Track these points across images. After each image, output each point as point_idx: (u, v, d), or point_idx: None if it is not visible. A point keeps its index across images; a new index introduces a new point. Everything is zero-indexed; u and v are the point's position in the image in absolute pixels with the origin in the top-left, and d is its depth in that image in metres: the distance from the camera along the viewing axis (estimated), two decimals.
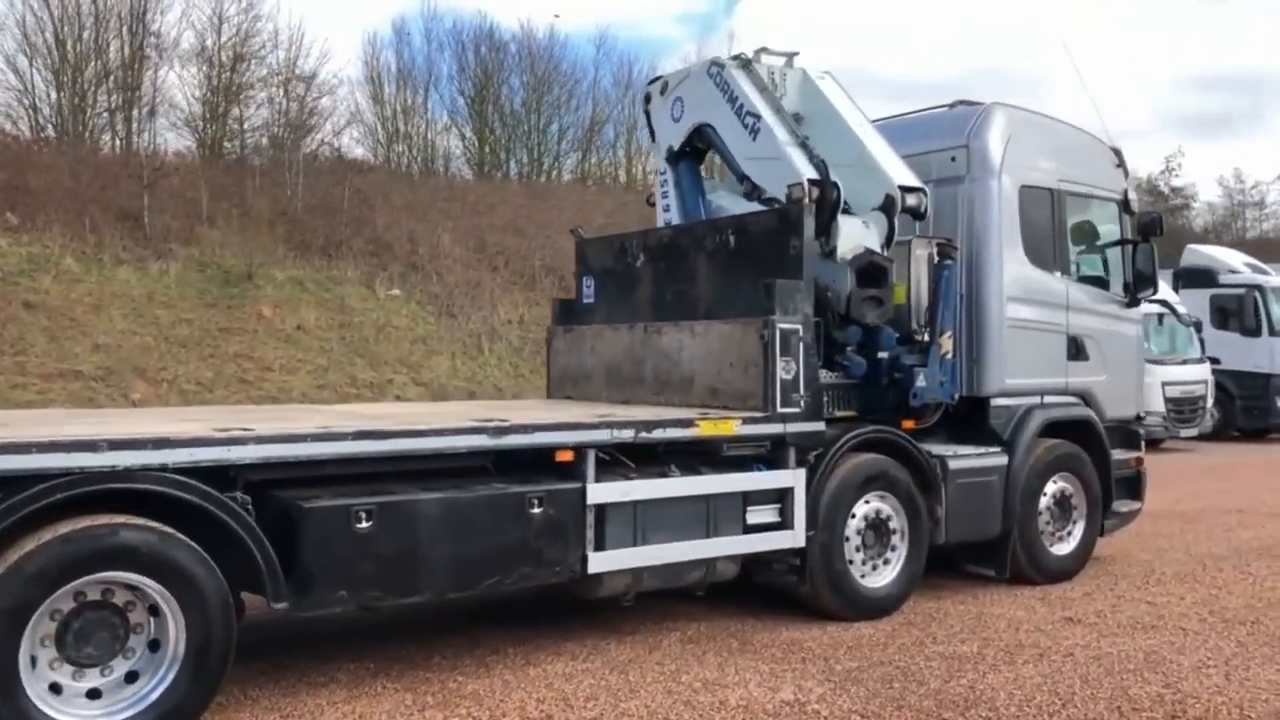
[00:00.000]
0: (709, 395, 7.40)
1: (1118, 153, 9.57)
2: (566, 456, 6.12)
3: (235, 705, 5.58)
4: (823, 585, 7.26)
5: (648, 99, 9.17)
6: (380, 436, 5.47)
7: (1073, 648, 6.79)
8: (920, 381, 7.61)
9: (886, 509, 7.57)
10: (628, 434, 6.34)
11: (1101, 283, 9.35)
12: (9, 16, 28.34)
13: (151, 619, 4.97)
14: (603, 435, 6.24)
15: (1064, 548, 8.75)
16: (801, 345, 7.06)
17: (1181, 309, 21.59)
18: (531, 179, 36.78)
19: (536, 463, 6.13)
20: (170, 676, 4.92)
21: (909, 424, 7.81)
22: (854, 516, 7.41)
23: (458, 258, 25.66)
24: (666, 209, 9.01)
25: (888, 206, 7.65)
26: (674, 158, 8.84)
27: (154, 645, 4.98)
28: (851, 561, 7.40)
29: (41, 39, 28.80)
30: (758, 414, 6.96)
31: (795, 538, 7.05)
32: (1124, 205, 9.35)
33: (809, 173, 7.46)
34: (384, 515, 5.42)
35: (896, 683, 6.07)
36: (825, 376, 7.55)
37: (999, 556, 8.38)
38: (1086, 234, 9.37)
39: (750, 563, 7.35)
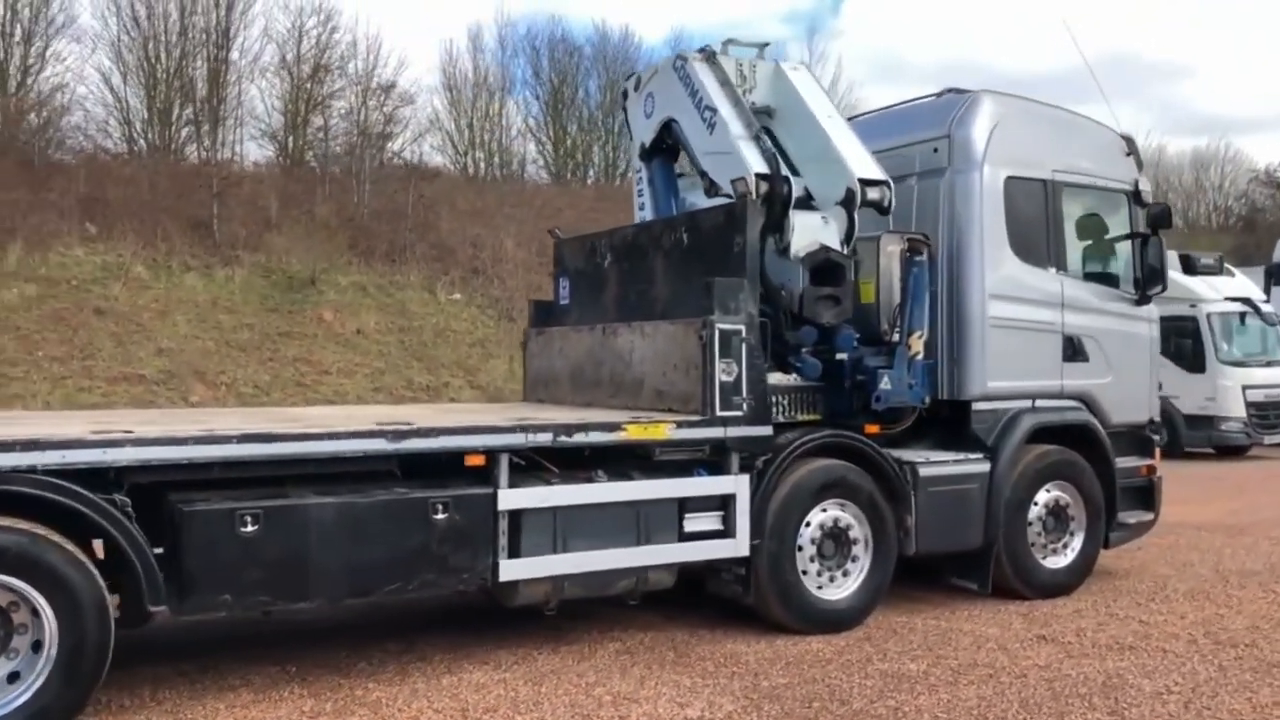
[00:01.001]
0: (656, 398, 7.17)
1: (1129, 141, 8.99)
2: (477, 461, 5.97)
3: (137, 707, 5.58)
4: (771, 596, 6.95)
5: (624, 95, 8.98)
6: (266, 440, 5.41)
7: (1029, 669, 6.35)
8: (884, 384, 7.23)
9: (846, 518, 7.21)
10: (544, 438, 6.16)
11: (1109, 279, 8.79)
12: (103, 36, 29.57)
13: (35, 620, 5.00)
14: (517, 439, 6.08)
15: (1059, 561, 8.22)
16: (744, 346, 6.78)
17: (1268, 308, 20.36)
18: (607, 182, 36.82)
19: (447, 468, 5.99)
20: (43, 678, 4.94)
21: (873, 429, 7.43)
22: (808, 525, 7.07)
23: (520, 261, 25.79)
24: (642, 207, 8.80)
25: (848, 201, 7.30)
26: (647, 155, 8.62)
27: (36, 646, 5.00)
28: (805, 572, 7.06)
29: (132, 57, 30.03)
30: (694, 417, 6.70)
31: (738, 546, 6.77)
32: (1135, 197, 8.76)
33: (758, 167, 7.16)
34: (271, 519, 5.36)
35: (817, 702, 5.76)
36: (786, 379, 7.27)
37: (980, 569, 7.92)
38: (1090, 227, 8.82)
39: (703, 572, 7.13)
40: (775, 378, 7.29)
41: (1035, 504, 8.09)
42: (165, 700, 5.69)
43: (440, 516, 5.78)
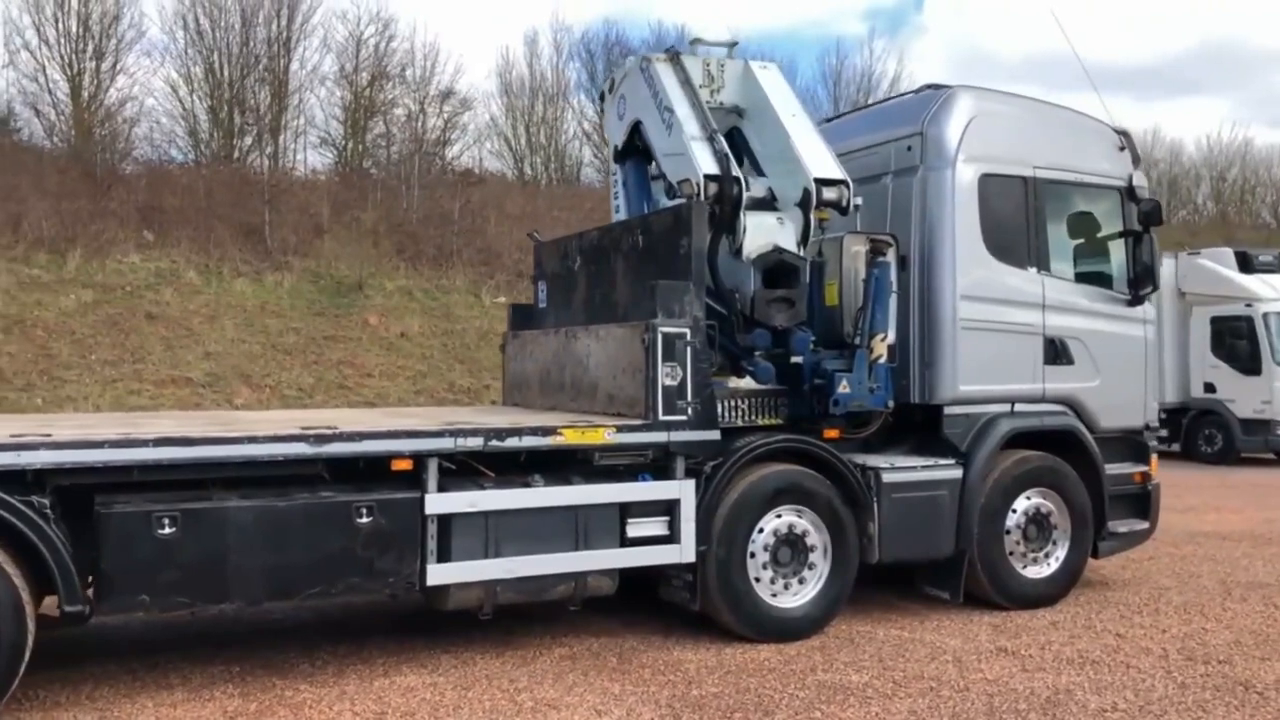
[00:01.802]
0: (609, 402, 7.12)
1: (1125, 136, 8.66)
2: (404, 465, 5.98)
3: (68, 704, 5.70)
4: (721, 603, 6.84)
5: (601, 98, 8.94)
6: (183, 444, 5.50)
7: (976, 682, 6.15)
8: (842, 388, 7.06)
9: (803, 524, 7.06)
10: (475, 442, 6.16)
11: (1100, 279, 8.49)
12: (170, 48, 30.53)
13: None
14: (445, 443, 6.08)
15: (1039, 571, 7.94)
16: (689, 350, 6.69)
17: None
18: None
19: (380, 472, 6.01)
20: None
21: (833, 434, 7.28)
22: (761, 531, 6.94)
23: None
24: (617, 210, 8.76)
25: (804, 201, 7.17)
26: (620, 156, 8.58)
27: None
28: (758, 580, 6.93)
29: (198, 70, 30.91)
30: (635, 421, 6.64)
31: (683, 552, 6.68)
32: (1128, 194, 8.44)
33: (706, 168, 7.06)
34: (189, 521, 5.45)
35: (739, 712, 5.65)
36: (746, 383, 7.16)
37: (952, 579, 7.69)
38: (1080, 226, 8.52)
39: (655, 578, 7.07)
40: (735, 382, 7.21)
41: (1014, 511, 7.83)
42: (99, 698, 5.81)
43: (364, 520, 5.81)
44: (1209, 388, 19.08)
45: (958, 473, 7.57)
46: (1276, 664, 6.55)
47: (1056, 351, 8.03)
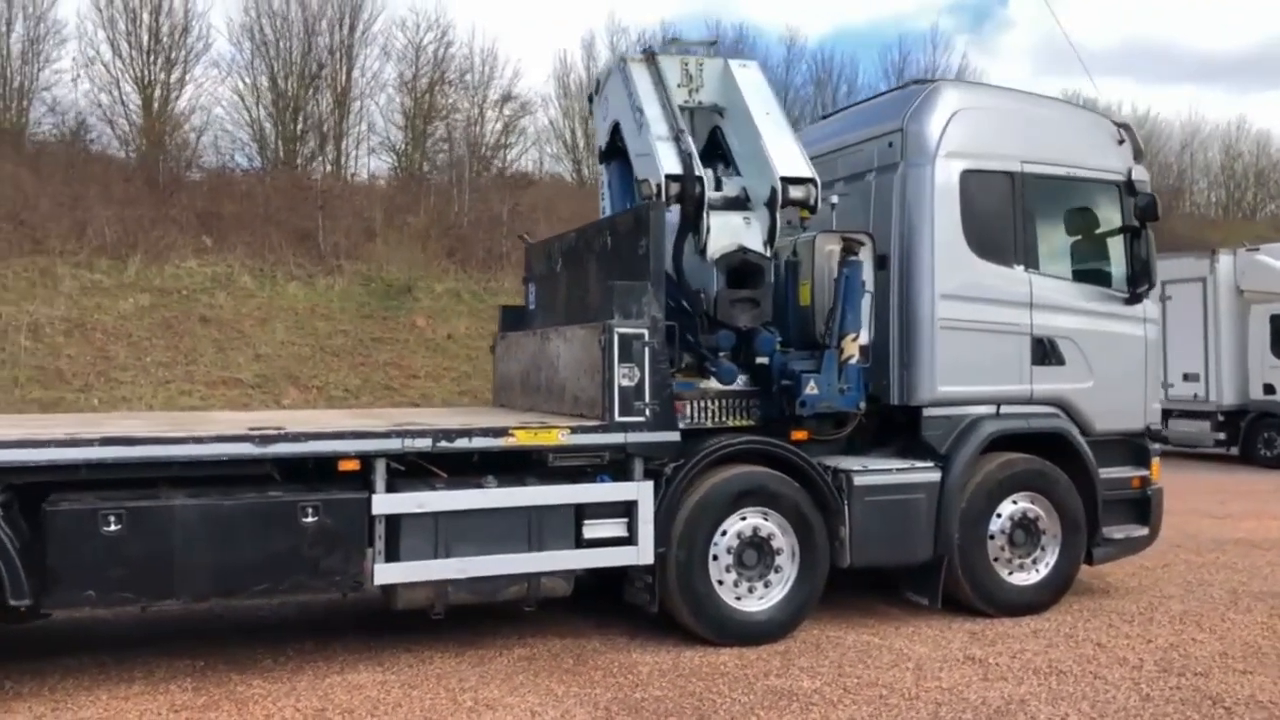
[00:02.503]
0: (574, 403, 7.13)
1: (1126, 129, 8.39)
2: (350, 466, 6.06)
3: (29, 695, 5.89)
4: (681, 606, 6.79)
5: (590, 100, 8.95)
6: (128, 443, 5.65)
7: (929, 690, 6.01)
8: (810, 389, 6.96)
9: (769, 527, 6.97)
10: (423, 443, 6.21)
11: (1098, 277, 8.23)
12: (237, 59, 31.35)
13: None
14: (393, 444, 6.14)
15: (1027, 577, 7.71)
16: (647, 351, 6.66)
17: None
18: None
19: (327, 472, 6.10)
20: None
21: (801, 435, 7.17)
22: (724, 533, 6.87)
23: None
24: (604, 210, 8.75)
25: (771, 200, 7.09)
26: (604, 157, 8.57)
27: None
28: (721, 582, 6.86)
29: (264, 79, 31.72)
30: (590, 423, 6.63)
31: (640, 554, 6.65)
32: (1127, 188, 8.16)
33: (669, 168, 7.02)
34: (134, 519, 5.59)
35: (674, 716, 5.60)
36: (717, 384, 7.10)
37: (931, 584, 7.51)
38: (1075, 222, 8.27)
39: (619, 579, 7.06)
40: (708, 383, 7.15)
41: (998, 516, 7.62)
42: (60, 689, 6.00)
43: (309, 520, 5.90)
44: (1269, 389, 18.33)
45: (936, 476, 7.39)
46: (1257, 678, 6.28)
47: (1045, 352, 7.80)
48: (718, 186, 7.42)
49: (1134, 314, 8.19)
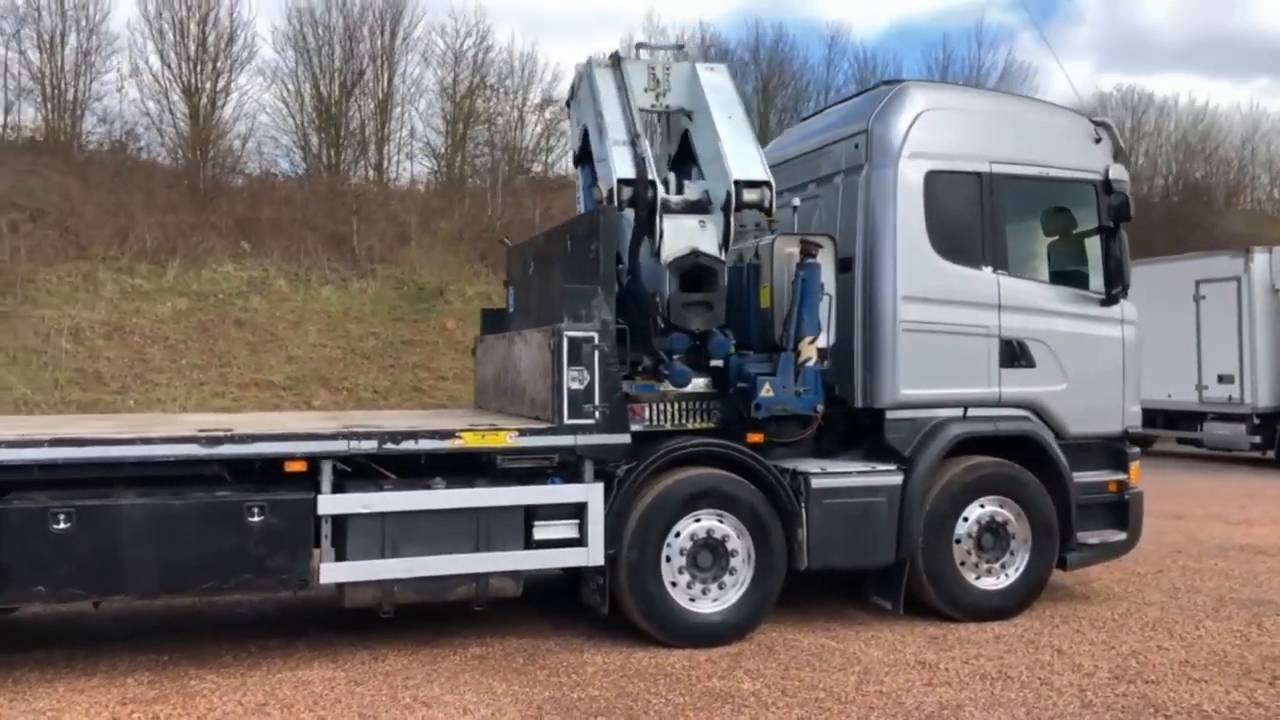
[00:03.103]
0: (530, 405, 7.21)
1: (1104, 127, 8.26)
2: (297, 467, 6.20)
3: None
4: (633, 607, 6.84)
5: (567, 105, 9.03)
6: (77, 444, 5.85)
7: (867, 695, 5.99)
8: (765, 392, 6.97)
9: (724, 529, 6.99)
10: (370, 445, 6.33)
11: (1074, 278, 8.11)
12: (280, 67, 31.99)
13: None
14: (339, 446, 6.27)
15: (995, 582, 7.62)
16: (597, 354, 6.72)
17: None
18: None
19: (277, 473, 6.25)
20: None
21: (756, 438, 7.17)
22: (677, 535, 6.90)
23: None
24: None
25: (726, 203, 7.11)
26: (579, 161, 8.64)
27: None
28: (674, 584, 6.89)
29: (308, 86, 32.32)
30: (539, 425, 6.70)
31: (590, 555, 6.71)
32: (1104, 188, 8.03)
33: (621, 173, 7.07)
34: (83, 517, 5.79)
35: (603, 716, 5.65)
36: (669, 387, 7.13)
37: (893, 588, 7.47)
38: (1049, 222, 8.17)
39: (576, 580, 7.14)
40: (666, 385, 7.18)
41: (965, 520, 7.55)
42: (22, 681, 6.20)
43: (255, 519, 6.05)
44: None
45: (897, 479, 7.35)
46: (1210, 687, 6.15)
47: (1014, 354, 7.71)
48: (679, 190, 7.46)
49: (1111, 315, 8.05)
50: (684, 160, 8.05)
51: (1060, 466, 7.73)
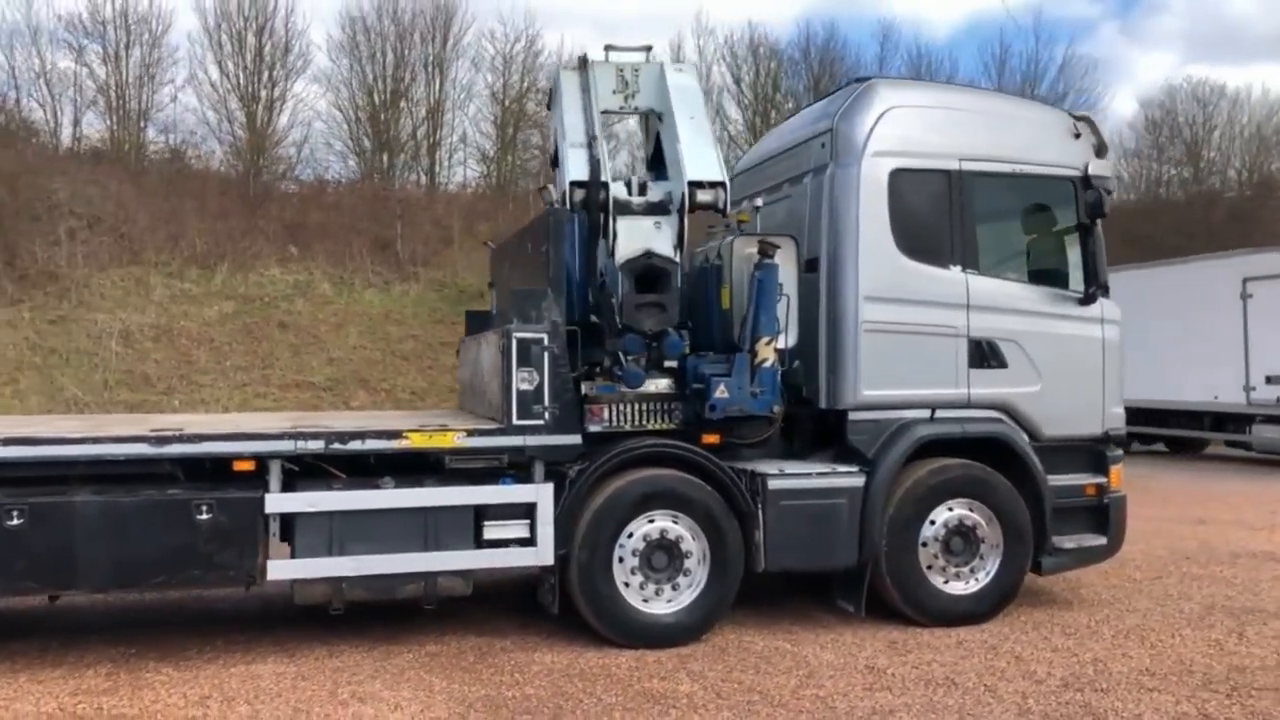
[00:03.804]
0: (489, 406, 7.29)
1: (1086, 122, 8.08)
2: (245, 466, 6.36)
3: None
4: (585, 607, 6.87)
5: (548, 107, 9.09)
6: (30, 443, 6.07)
7: (802, 699, 5.94)
8: (720, 392, 6.96)
9: (679, 530, 6.98)
10: (316, 445, 6.46)
11: (1053, 277, 7.94)
12: (336, 74, 32.65)
13: None
14: (286, 446, 6.41)
15: (965, 586, 7.48)
16: (546, 355, 6.77)
17: None
18: None
19: (228, 472, 6.41)
20: None
21: (712, 439, 7.15)
22: (630, 536, 6.91)
23: None
24: None
25: (680, 204, 7.11)
26: (554, 163, 8.68)
27: None
28: (627, 584, 6.91)
29: (361, 94, 32.93)
30: (488, 426, 6.78)
31: (540, 555, 6.76)
32: (1083, 184, 7.83)
33: (574, 175, 7.11)
34: (36, 514, 6.01)
35: (527, 714, 5.70)
36: (655, 387, 7.14)
37: (855, 591, 7.38)
38: (1025, 220, 8.00)
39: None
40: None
41: (931, 523, 7.43)
42: None
43: (204, 517, 6.22)
44: None
45: (859, 481, 7.26)
46: (1161, 696, 5.98)
47: (983, 354, 7.57)
48: (643, 191, 7.47)
49: (1090, 315, 7.85)
50: (659, 161, 8.07)
51: (1033, 469, 7.57)
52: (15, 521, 5.97)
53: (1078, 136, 7.95)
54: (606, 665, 6.56)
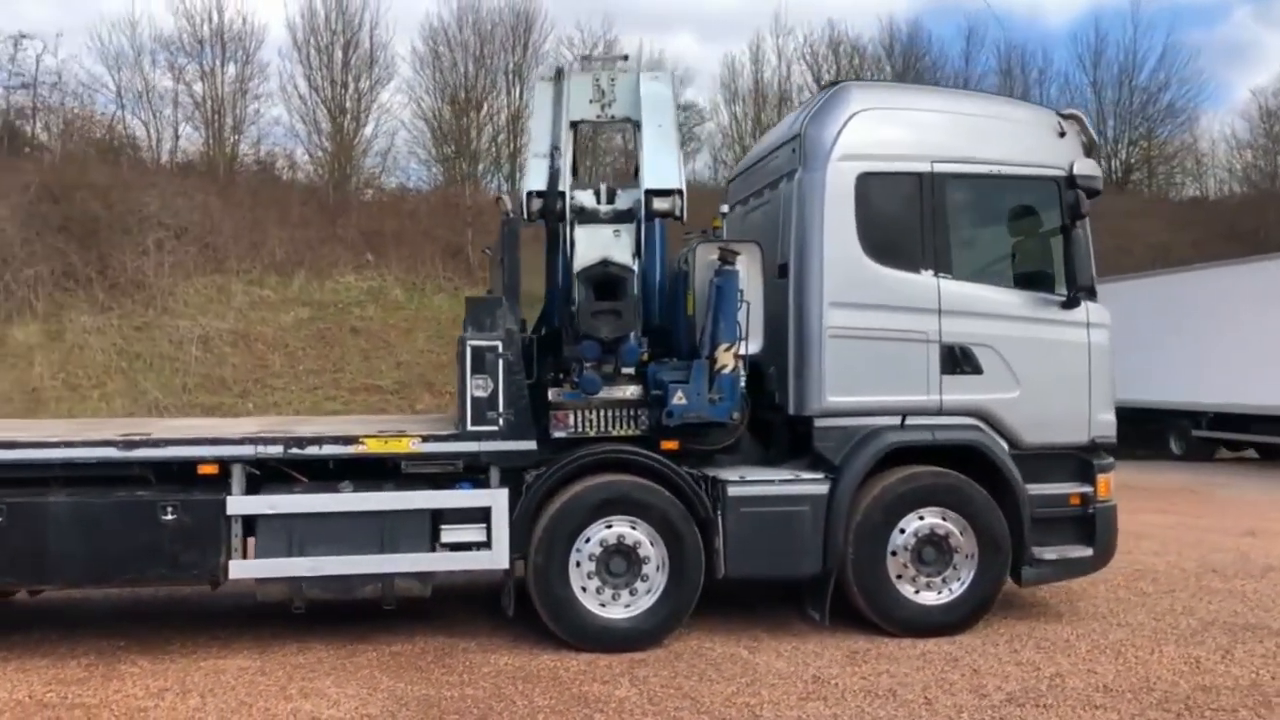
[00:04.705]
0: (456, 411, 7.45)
1: (1074, 119, 7.85)
2: (209, 470, 6.66)
3: None
4: (542, 610, 6.98)
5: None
6: (9, 446, 6.47)
7: (729, 706, 5.94)
8: (678, 399, 6.98)
9: (636, 535, 7.04)
10: (275, 450, 6.72)
11: (1032, 279, 7.72)
12: (417, 84, 33.54)
13: None
14: (246, 451, 6.69)
15: (936, 596, 7.33)
16: (500, 362, 6.91)
17: None
18: None
19: (190, 475, 6.72)
20: None
21: (670, 445, 7.18)
22: (587, 541, 6.99)
23: None
24: None
25: (640, 213, 7.17)
26: None
27: None
28: (584, 589, 6.99)
29: (444, 102, 33.72)
30: (443, 431, 6.94)
31: (495, 559, 6.90)
32: (1068, 183, 7.60)
33: (532, 184, 7.22)
34: (14, 513, 6.41)
35: (456, 714, 5.83)
36: (610, 394, 7.23)
37: (820, 599, 7.32)
38: (1003, 222, 7.81)
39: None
40: (607, 392, 7.26)
41: (901, 531, 7.30)
42: None
43: (169, 518, 6.54)
44: None
45: (823, 488, 7.19)
46: (1106, 714, 5.80)
47: (957, 360, 7.42)
48: (611, 199, 7.55)
49: (1074, 319, 7.61)
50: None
51: (1009, 477, 7.38)
52: None
53: (1062, 135, 7.72)
54: (556, 668, 6.66)
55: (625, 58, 8.18)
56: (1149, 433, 21.31)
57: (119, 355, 21.33)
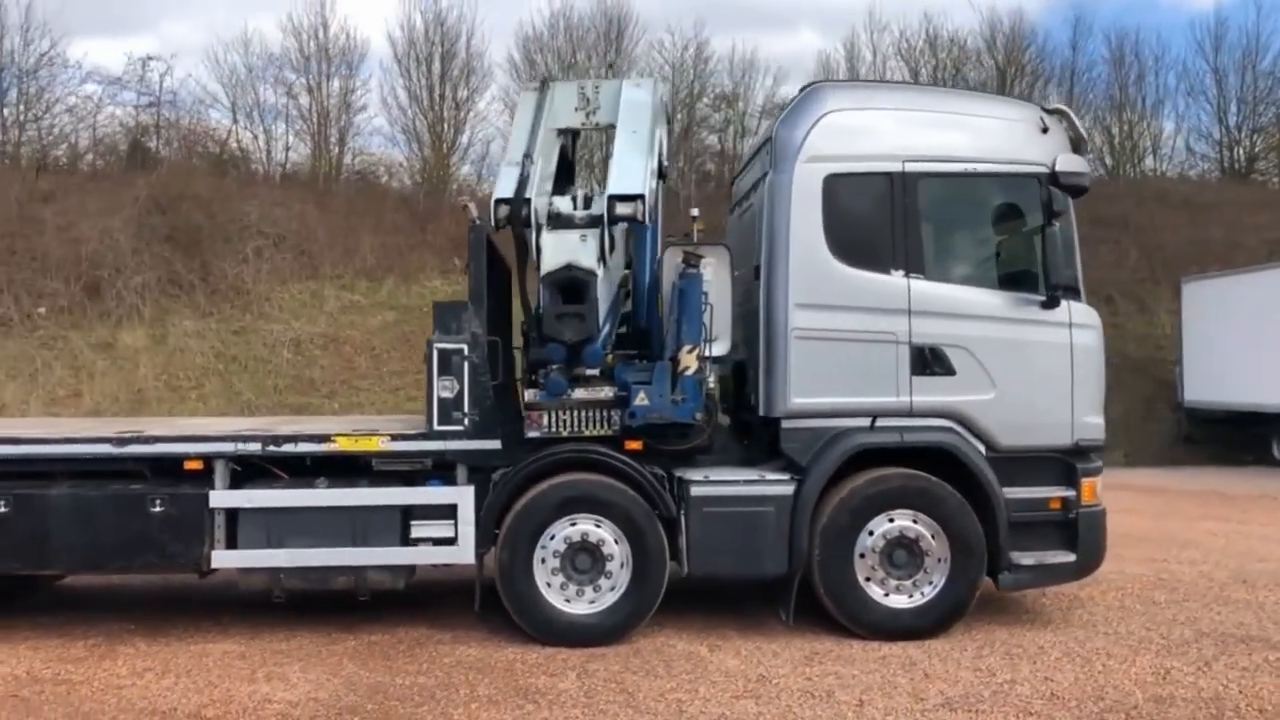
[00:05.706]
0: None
1: (1060, 115, 7.69)
2: (195, 465, 7.10)
3: None
4: (508, 605, 7.20)
5: None
6: (13, 442, 7.05)
7: (655, 702, 6.05)
8: (640, 400, 7.12)
9: (601, 534, 7.20)
10: (254, 447, 7.13)
11: (1012, 279, 7.58)
12: (513, 90, 34.25)
13: None
14: (228, 448, 7.12)
15: (906, 600, 7.27)
16: (466, 365, 7.17)
17: None
18: None
19: (179, 470, 7.18)
20: None
21: (634, 445, 7.31)
22: (552, 538, 7.18)
23: None
24: None
25: (605, 218, 7.32)
26: None
27: None
28: (549, 585, 7.18)
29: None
30: (411, 431, 7.24)
31: (461, 554, 7.16)
32: (1052, 180, 7.43)
33: (501, 192, 7.43)
34: (18, 503, 6.98)
35: (397, 700, 6.10)
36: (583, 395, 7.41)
37: (784, 600, 7.34)
38: (982, 221, 7.68)
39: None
40: (579, 393, 7.46)
41: (870, 533, 7.27)
42: (13, 636, 7.51)
43: (157, 510, 7.01)
44: None
45: (788, 489, 7.22)
46: None
47: (928, 361, 7.34)
48: (587, 204, 7.71)
49: (1055, 319, 7.43)
50: None
51: (983, 480, 7.27)
52: (2, 510, 6.95)
53: (1045, 131, 7.55)
54: (514, 661, 6.87)
55: (610, 66, 8.34)
56: (1251, 437, 20.33)
57: (216, 358, 22.50)
